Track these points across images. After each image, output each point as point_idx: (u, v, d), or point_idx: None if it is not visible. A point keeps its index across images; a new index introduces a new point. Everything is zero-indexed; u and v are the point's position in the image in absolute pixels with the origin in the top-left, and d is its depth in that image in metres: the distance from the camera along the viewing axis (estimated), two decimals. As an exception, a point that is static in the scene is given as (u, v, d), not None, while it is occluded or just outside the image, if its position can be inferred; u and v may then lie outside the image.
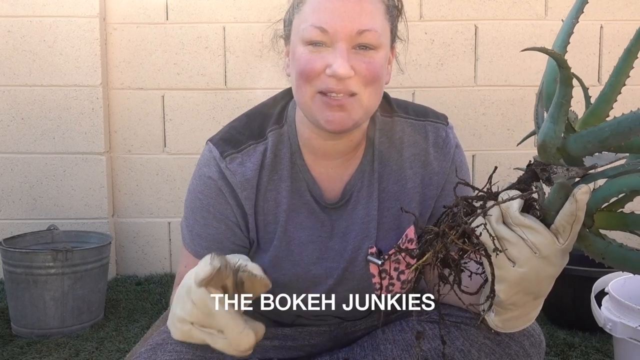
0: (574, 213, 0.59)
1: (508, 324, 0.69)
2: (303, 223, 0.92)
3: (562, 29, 0.65)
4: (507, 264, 0.62)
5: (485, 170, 2.59)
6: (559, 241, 0.61)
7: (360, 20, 0.79)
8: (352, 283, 0.94)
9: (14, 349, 1.85)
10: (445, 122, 0.97)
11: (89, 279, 2.02)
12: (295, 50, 0.83)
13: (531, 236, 0.61)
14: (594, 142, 0.57)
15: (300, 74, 0.82)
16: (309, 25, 0.80)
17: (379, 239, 0.93)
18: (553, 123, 0.59)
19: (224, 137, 0.93)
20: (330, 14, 0.79)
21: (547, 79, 0.67)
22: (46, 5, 2.46)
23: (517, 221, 0.61)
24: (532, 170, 0.64)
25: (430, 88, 2.56)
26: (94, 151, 2.52)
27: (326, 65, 0.80)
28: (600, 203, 0.60)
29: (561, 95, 0.57)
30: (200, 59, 2.56)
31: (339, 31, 0.79)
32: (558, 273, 0.64)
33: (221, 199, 0.90)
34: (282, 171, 0.92)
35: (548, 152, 0.61)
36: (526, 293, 0.65)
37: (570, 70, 0.56)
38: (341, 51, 0.79)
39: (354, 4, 0.79)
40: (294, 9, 0.86)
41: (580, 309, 1.81)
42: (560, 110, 0.58)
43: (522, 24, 2.53)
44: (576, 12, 0.63)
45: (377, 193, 0.93)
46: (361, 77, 0.80)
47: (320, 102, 0.82)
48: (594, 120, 0.62)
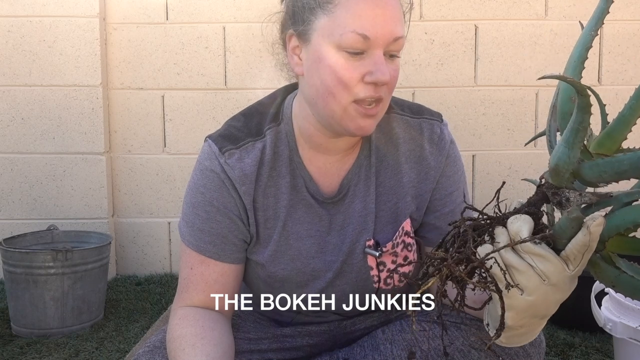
0: (587, 244, 0.57)
1: (512, 340, 0.68)
2: (301, 218, 0.94)
3: (579, 42, 0.62)
4: (515, 293, 0.61)
5: (485, 170, 2.59)
6: (569, 268, 0.59)
7: (397, 28, 0.80)
8: (351, 276, 0.95)
9: (14, 349, 1.85)
10: (440, 119, 0.98)
11: (89, 279, 2.02)
12: (326, 55, 0.81)
13: (540, 264, 0.59)
14: (610, 173, 0.55)
15: (337, 82, 0.80)
16: (350, 31, 0.78)
17: (377, 232, 0.94)
18: (568, 148, 0.57)
19: (222, 134, 0.93)
20: (372, 21, 0.78)
21: (562, 96, 0.65)
22: (46, 5, 2.46)
23: (527, 249, 0.59)
24: (542, 193, 0.62)
25: (430, 88, 2.56)
26: (94, 151, 2.52)
27: (365, 73, 0.80)
28: (613, 232, 0.58)
29: (578, 122, 0.55)
30: (200, 59, 2.56)
31: (379, 38, 0.79)
32: (566, 297, 0.63)
33: (224, 192, 0.91)
34: (281, 168, 0.93)
35: (561, 176, 0.59)
36: (533, 317, 0.64)
37: (590, 98, 0.54)
38: (380, 57, 0.80)
39: (391, 11, 0.80)
40: (318, 6, 0.82)
41: (580, 309, 1.81)
42: (577, 136, 0.56)
43: (522, 24, 2.53)
44: (595, 24, 0.60)
45: (374, 187, 0.94)
46: (389, 85, 0.83)
47: (354, 112, 0.82)
48: (610, 143, 0.59)
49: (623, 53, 2.47)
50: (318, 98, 0.84)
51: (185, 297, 0.93)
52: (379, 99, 0.82)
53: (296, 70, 0.88)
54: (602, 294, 1.50)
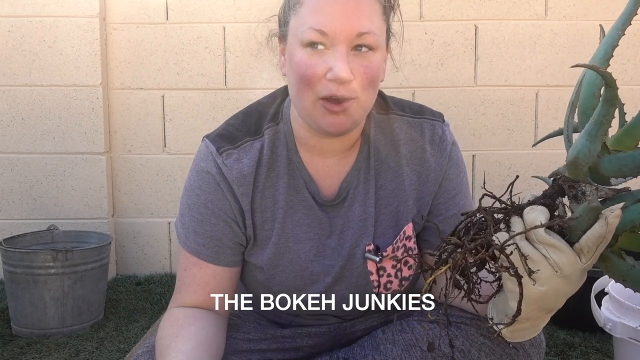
0: (603, 235, 0.57)
1: (517, 334, 0.68)
2: (301, 220, 0.92)
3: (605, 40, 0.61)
4: (528, 283, 0.61)
5: (486, 170, 2.59)
6: (581, 260, 0.60)
7: (360, 23, 0.78)
8: (350, 281, 0.94)
9: (14, 349, 1.85)
10: (441, 119, 0.96)
11: (89, 279, 2.02)
12: (294, 53, 0.82)
13: (554, 255, 0.60)
14: (631, 167, 0.55)
15: (300, 79, 0.81)
16: (308, 27, 0.79)
17: (377, 236, 0.93)
18: (589, 141, 0.57)
19: (220, 134, 0.92)
20: (330, 16, 0.78)
21: (585, 91, 0.64)
22: (46, 5, 2.46)
23: (542, 239, 0.60)
24: (558, 186, 0.62)
25: (430, 88, 2.56)
26: (94, 151, 2.52)
27: (326, 69, 0.79)
28: (628, 226, 0.58)
29: (602, 114, 0.55)
30: (200, 59, 2.56)
31: (338, 33, 0.78)
32: (575, 291, 0.63)
33: (219, 194, 0.90)
34: (279, 168, 0.91)
35: (579, 169, 0.59)
36: (541, 309, 0.64)
37: (617, 91, 0.54)
38: (341, 54, 0.78)
39: (353, 6, 0.78)
40: (290, 9, 0.85)
41: (580, 309, 1.81)
42: (600, 129, 0.56)
43: (522, 24, 2.53)
44: (622, 24, 0.59)
45: (374, 190, 0.93)
46: (360, 81, 0.80)
47: (322, 108, 0.81)
48: (628, 140, 0.60)
49: (623, 53, 2.47)
50: (293, 97, 0.85)
51: (178, 297, 0.93)
52: (349, 96, 0.79)
53: (282, 71, 0.90)
54: (602, 294, 1.50)
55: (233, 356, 0.94)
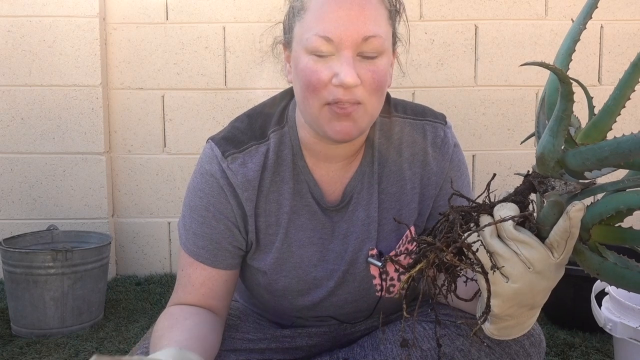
0: (568, 230, 0.58)
1: (504, 332, 0.69)
2: (304, 225, 0.92)
3: (568, 35, 0.62)
4: (500, 280, 0.62)
5: (486, 170, 2.59)
6: (554, 256, 0.60)
7: (366, 26, 0.78)
8: (353, 285, 0.94)
9: (14, 349, 1.85)
10: (443, 121, 0.96)
11: (89, 279, 2.02)
12: (299, 60, 0.82)
13: (525, 251, 0.60)
14: (592, 160, 0.56)
15: (306, 86, 0.80)
16: (313, 34, 0.79)
17: (380, 241, 0.93)
18: (552, 137, 0.58)
19: (225, 137, 0.92)
20: (334, 22, 0.77)
21: (549, 87, 0.65)
22: (46, 5, 2.46)
23: (512, 235, 0.60)
24: (529, 182, 0.63)
25: (430, 88, 2.56)
26: (94, 151, 2.52)
27: (332, 75, 0.78)
28: (596, 219, 0.59)
29: (561, 110, 0.56)
30: (200, 59, 2.56)
31: (343, 39, 0.77)
32: (553, 286, 0.63)
33: (222, 198, 0.89)
34: (284, 172, 0.91)
35: (546, 165, 0.60)
36: (521, 306, 0.64)
37: (572, 86, 0.55)
38: (347, 59, 0.78)
39: (357, 11, 0.78)
40: (294, 15, 0.84)
41: (580, 309, 1.81)
42: (560, 124, 0.57)
43: (522, 24, 2.53)
44: (583, 18, 0.61)
45: (377, 194, 0.92)
46: (367, 86, 0.80)
47: (328, 114, 0.80)
48: (595, 133, 0.61)
49: (623, 53, 2.47)
50: (300, 103, 0.85)
51: (175, 297, 0.93)
52: (355, 102, 0.79)
53: (288, 78, 0.90)
54: (602, 294, 1.50)
55: (232, 355, 0.94)
